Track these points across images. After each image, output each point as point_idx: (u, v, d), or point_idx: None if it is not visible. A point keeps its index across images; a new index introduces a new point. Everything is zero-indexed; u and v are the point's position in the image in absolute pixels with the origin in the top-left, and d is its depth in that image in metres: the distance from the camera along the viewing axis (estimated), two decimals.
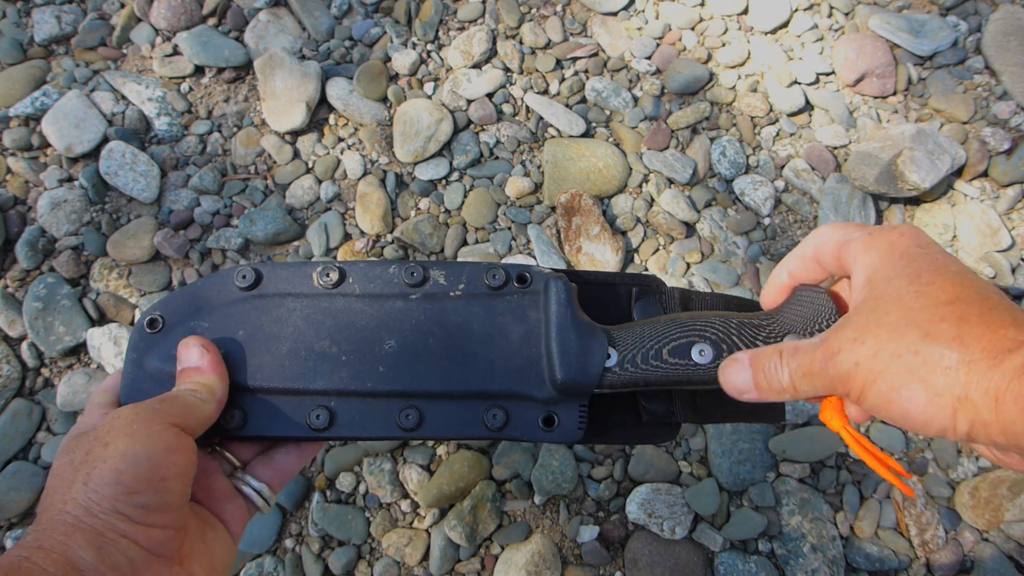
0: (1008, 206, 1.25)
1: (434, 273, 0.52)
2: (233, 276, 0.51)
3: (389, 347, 0.50)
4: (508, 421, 0.50)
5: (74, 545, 0.39)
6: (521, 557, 1.05)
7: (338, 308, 0.51)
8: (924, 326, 0.37)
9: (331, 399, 0.50)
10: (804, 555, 1.05)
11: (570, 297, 0.50)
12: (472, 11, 1.40)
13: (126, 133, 1.30)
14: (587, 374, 0.48)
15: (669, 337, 0.48)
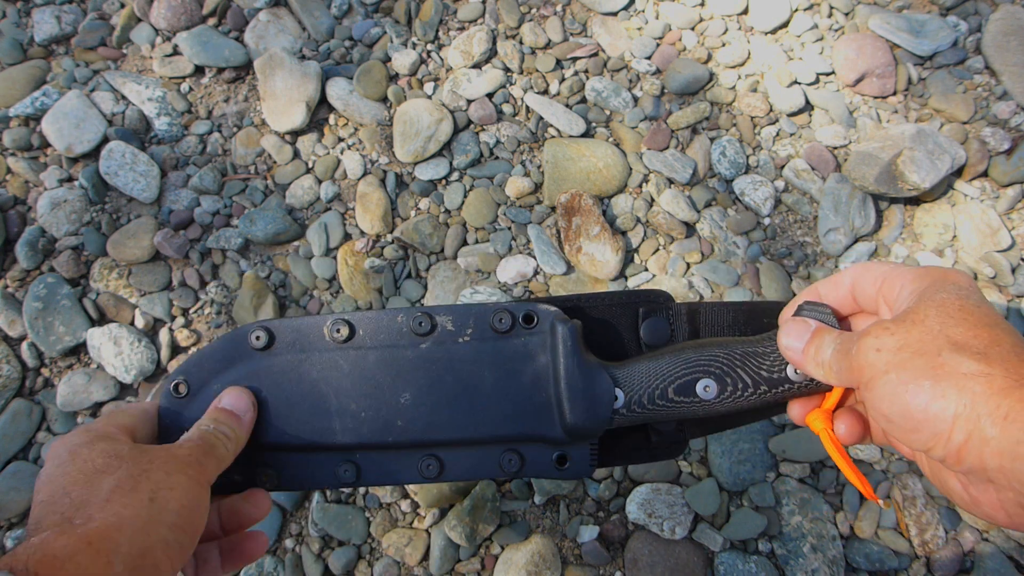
0: (1008, 206, 1.25)
1: (441, 320, 0.53)
2: (247, 337, 0.53)
3: (405, 400, 0.52)
4: (523, 464, 0.53)
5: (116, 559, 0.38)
6: (521, 557, 1.05)
7: (352, 363, 0.53)
8: (956, 338, 0.37)
9: (355, 453, 0.53)
10: (804, 555, 1.05)
11: (576, 341, 0.51)
12: (472, 11, 1.40)
13: (126, 133, 1.30)
14: (596, 419, 0.50)
15: (674, 375, 0.50)
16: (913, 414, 0.37)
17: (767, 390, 0.49)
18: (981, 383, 0.35)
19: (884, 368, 0.39)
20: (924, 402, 0.37)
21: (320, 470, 0.53)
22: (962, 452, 0.36)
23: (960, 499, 0.41)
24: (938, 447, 0.37)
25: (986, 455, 0.35)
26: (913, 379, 0.37)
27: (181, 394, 0.53)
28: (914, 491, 1.09)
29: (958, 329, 0.38)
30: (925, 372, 0.37)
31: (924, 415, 0.37)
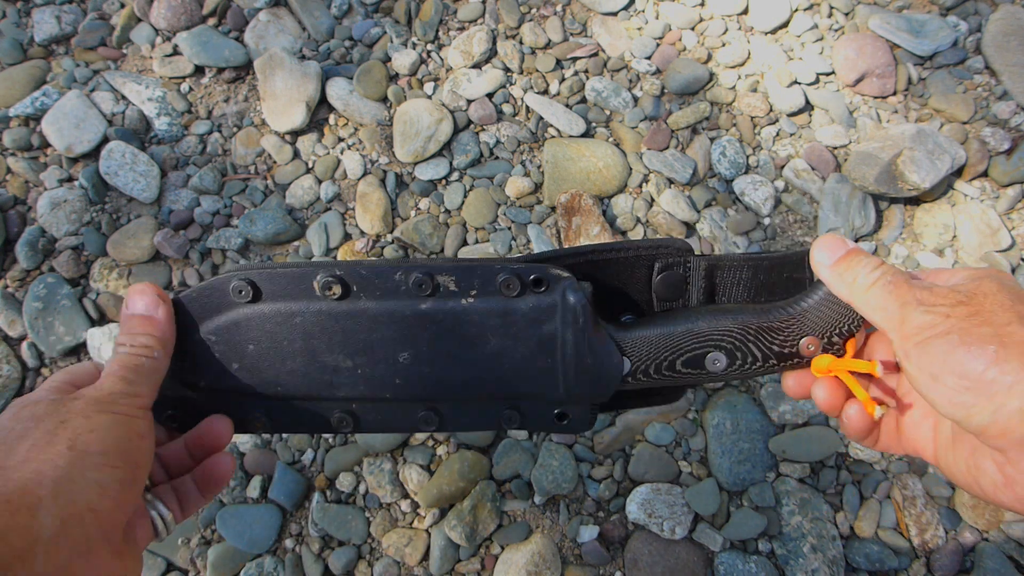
0: (1008, 206, 1.25)
1: (442, 279, 0.50)
2: (229, 289, 0.50)
3: (404, 359, 0.50)
4: (523, 420, 0.52)
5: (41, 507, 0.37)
6: (521, 557, 1.05)
7: (347, 320, 0.50)
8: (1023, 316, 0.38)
9: (352, 403, 0.52)
10: (804, 555, 1.05)
11: (587, 316, 0.49)
12: (472, 11, 1.40)
13: (126, 133, 1.30)
14: (601, 389, 0.50)
15: (684, 348, 0.49)
16: (969, 375, 0.37)
17: (776, 364, 0.48)
18: None
19: (946, 329, 0.39)
20: (983, 365, 0.37)
21: (315, 418, 0.52)
22: (1013, 421, 0.36)
23: (990, 481, 0.41)
24: (985, 413, 0.37)
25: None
26: (976, 342, 0.37)
27: None
28: (914, 491, 1.09)
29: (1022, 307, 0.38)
30: (991, 338, 0.37)
31: (981, 378, 0.37)
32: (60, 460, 0.39)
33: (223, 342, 0.51)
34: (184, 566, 1.09)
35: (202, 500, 0.53)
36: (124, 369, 0.46)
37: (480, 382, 0.51)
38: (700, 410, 1.14)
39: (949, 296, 0.40)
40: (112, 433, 0.42)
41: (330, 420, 0.52)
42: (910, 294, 0.41)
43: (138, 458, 0.43)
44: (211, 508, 1.11)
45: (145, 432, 0.44)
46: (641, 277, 0.54)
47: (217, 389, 0.51)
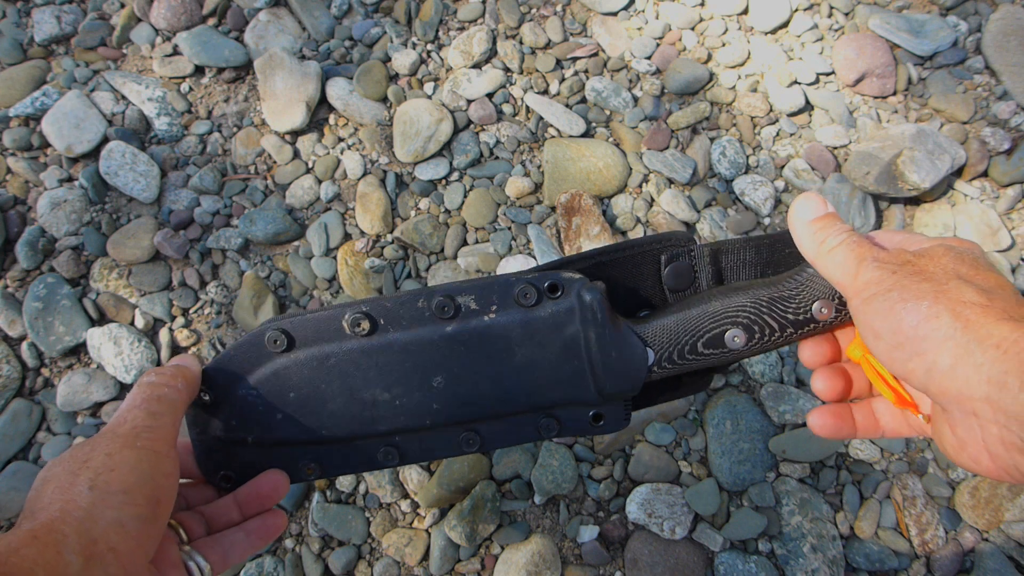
0: (1008, 206, 1.25)
1: (463, 300, 0.52)
2: (264, 341, 0.52)
3: (438, 384, 0.52)
4: (560, 427, 0.54)
5: (66, 547, 0.38)
6: (521, 557, 1.05)
7: (378, 355, 0.52)
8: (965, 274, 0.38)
9: (395, 436, 0.53)
10: (804, 555, 1.05)
11: (604, 310, 0.51)
12: (472, 11, 1.40)
13: (126, 133, 1.30)
14: (631, 382, 0.51)
15: (702, 329, 0.50)
16: (903, 330, 0.37)
17: (793, 332, 0.49)
18: (977, 311, 0.35)
19: (889, 286, 0.39)
20: (916, 320, 0.37)
21: (361, 456, 0.53)
22: (946, 378, 0.36)
23: (950, 445, 0.41)
24: (921, 370, 0.37)
25: (973, 383, 0.35)
26: (913, 298, 0.38)
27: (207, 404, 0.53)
28: (914, 491, 1.09)
29: (968, 270, 0.39)
30: (926, 294, 0.37)
31: (913, 333, 0.37)
32: (82, 500, 0.40)
33: (265, 394, 0.52)
34: None
35: (250, 551, 0.54)
36: (147, 401, 0.46)
37: (513, 395, 0.52)
38: (700, 410, 1.14)
39: (900, 256, 0.41)
40: (134, 470, 0.42)
41: (376, 456, 0.53)
42: (867, 252, 0.42)
43: (160, 495, 0.43)
44: None
45: (169, 469, 0.44)
46: (650, 272, 0.55)
47: (265, 442, 0.53)
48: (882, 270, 0.40)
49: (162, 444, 0.44)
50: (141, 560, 0.41)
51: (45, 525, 0.39)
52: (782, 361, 1.17)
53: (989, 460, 0.37)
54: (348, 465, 0.54)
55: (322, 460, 0.53)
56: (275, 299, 1.22)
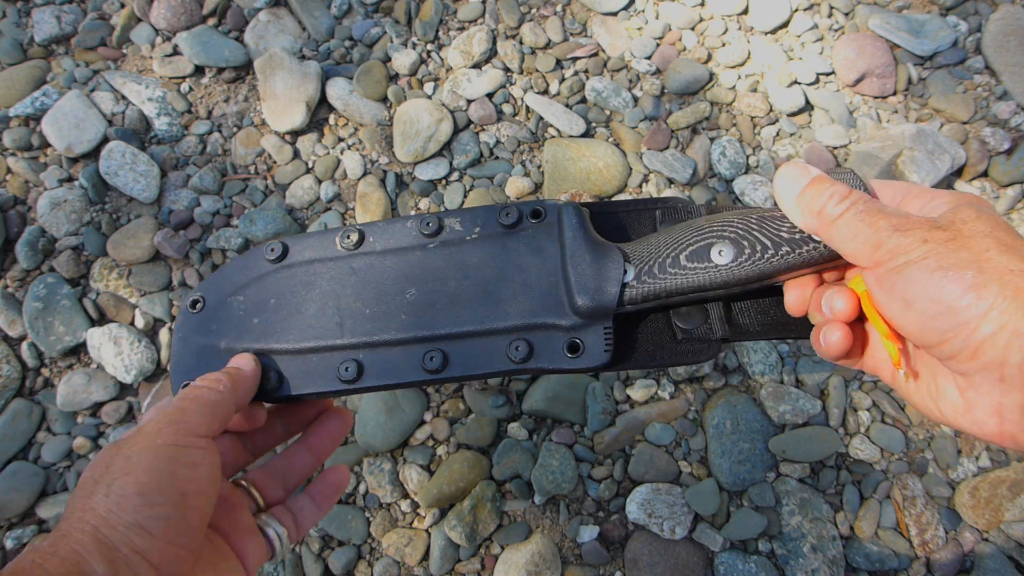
0: (1008, 206, 1.25)
1: (449, 221, 0.53)
2: (263, 251, 0.54)
3: (411, 296, 0.52)
4: (532, 352, 0.50)
5: (88, 556, 0.38)
6: (521, 557, 1.05)
7: (360, 266, 0.53)
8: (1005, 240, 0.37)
9: (359, 352, 0.52)
10: (804, 555, 1.05)
11: (582, 220, 0.50)
12: (472, 11, 1.40)
13: (126, 133, 1.30)
14: (605, 294, 0.48)
15: (686, 242, 0.47)
16: (944, 300, 0.36)
17: (789, 251, 0.45)
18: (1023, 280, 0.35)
19: (923, 254, 0.37)
20: (960, 290, 0.36)
21: (323, 371, 0.52)
22: (984, 345, 0.35)
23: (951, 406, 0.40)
24: (958, 338, 0.36)
25: (1013, 349, 0.34)
26: (955, 267, 0.36)
27: (197, 308, 0.54)
28: (914, 491, 1.09)
29: (1006, 235, 0.37)
30: (969, 263, 0.36)
31: (956, 303, 0.36)
32: (99, 507, 0.40)
33: (247, 300, 0.54)
34: None
35: (319, 513, 0.55)
36: (181, 400, 0.46)
37: (485, 310, 0.50)
38: (700, 410, 1.14)
39: (925, 223, 0.39)
40: (149, 470, 0.41)
41: (337, 371, 0.52)
42: (884, 220, 0.40)
43: (186, 487, 0.42)
44: None
45: (196, 460, 0.43)
46: (646, 228, 0.55)
47: (235, 349, 0.53)
48: (911, 236, 0.38)
49: (184, 436, 0.44)
50: (172, 557, 0.41)
51: (65, 537, 0.39)
52: (782, 361, 1.17)
53: (997, 424, 0.37)
54: (308, 379, 0.52)
55: (285, 369, 0.52)
56: None
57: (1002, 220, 0.39)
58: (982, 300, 0.35)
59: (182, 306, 0.55)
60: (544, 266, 0.51)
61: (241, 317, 0.53)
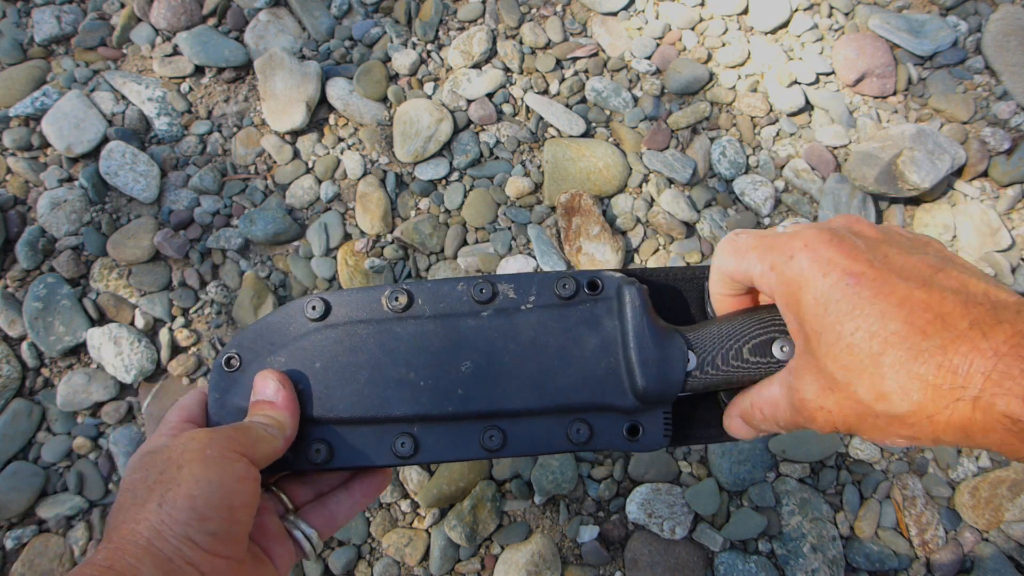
0: (1008, 206, 1.25)
1: (503, 287, 0.51)
2: (303, 307, 0.51)
3: (466, 368, 0.50)
4: (592, 435, 0.49)
5: (143, 569, 0.38)
6: (521, 557, 1.05)
7: (410, 332, 0.50)
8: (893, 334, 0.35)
9: (413, 425, 0.50)
10: (804, 555, 1.05)
11: (644, 302, 0.49)
12: (472, 11, 1.40)
13: (126, 133, 1.30)
14: (669, 382, 0.47)
15: (749, 335, 0.47)
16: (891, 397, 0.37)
17: None
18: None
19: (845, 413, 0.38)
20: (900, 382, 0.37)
21: (376, 443, 0.50)
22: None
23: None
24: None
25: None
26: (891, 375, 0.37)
27: (233, 368, 0.51)
28: (914, 491, 1.09)
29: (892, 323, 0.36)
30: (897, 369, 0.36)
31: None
32: (152, 518, 0.40)
33: (290, 362, 0.51)
34: None
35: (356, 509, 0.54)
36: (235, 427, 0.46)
37: (544, 389, 0.49)
38: None
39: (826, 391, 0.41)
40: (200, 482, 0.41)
41: (391, 445, 0.50)
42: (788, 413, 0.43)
43: (234, 501, 0.42)
44: None
45: (243, 474, 0.43)
46: (693, 298, 0.54)
47: None
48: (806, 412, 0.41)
49: (233, 449, 0.44)
50: (221, 568, 0.41)
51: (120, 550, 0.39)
52: None
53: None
54: (359, 453, 0.50)
55: (334, 441, 0.50)
56: (275, 299, 1.22)
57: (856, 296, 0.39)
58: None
59: (216, 363, 0.52)
60: (603, 345, 0.49)
61: None
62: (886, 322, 0.35)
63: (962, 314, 0.33)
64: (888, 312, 0.35)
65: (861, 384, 0.36)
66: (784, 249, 0.40)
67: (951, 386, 0.33)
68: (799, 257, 0.39)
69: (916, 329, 0.34)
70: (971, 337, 0.33)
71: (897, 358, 0.34)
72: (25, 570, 1.08)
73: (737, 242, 0.44)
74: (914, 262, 0.37)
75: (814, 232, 0.39)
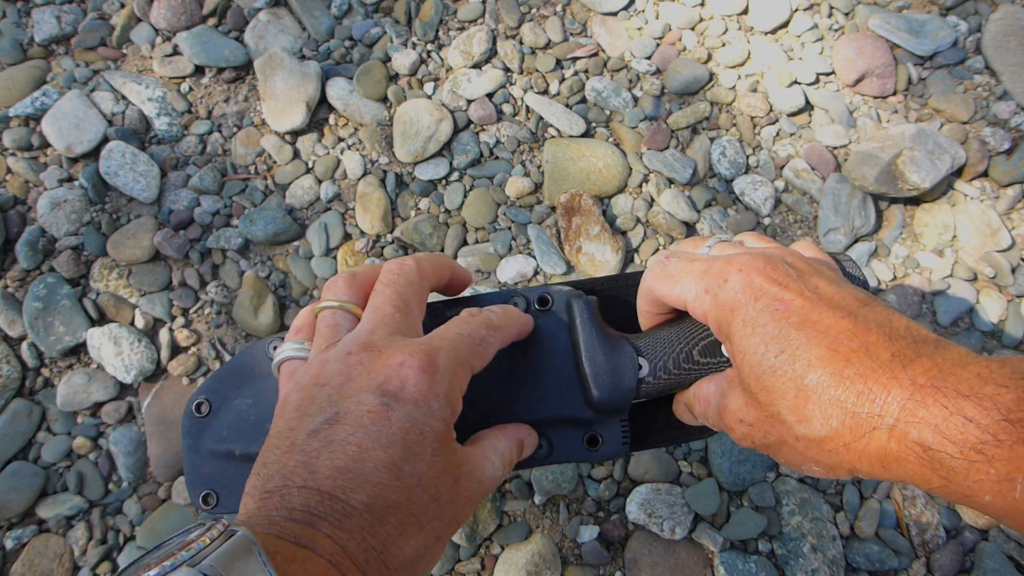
0: (1008, 206, 1.25)
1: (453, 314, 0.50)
2: (266, 347, 0.51)
3: None
4: (552, 449, 0.50)
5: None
6: (521, 557, 1.05)
7: None
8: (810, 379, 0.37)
9: None
10: (804, 555, 1.05)
11: (592, 314, 0.49)
12: (472, 11, 1.40)
13: (126, 133, 1.30)
14: (622, 390, 0.48)
15: (698, 337, 0.48)
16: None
17: None
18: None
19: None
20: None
21: None
22: None
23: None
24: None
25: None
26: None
27: (203, 413, 0.51)
28: (914, 491, 1.09)
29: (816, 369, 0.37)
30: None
31: None
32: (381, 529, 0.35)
33: (259, 403, 0.50)
34: None
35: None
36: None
37: (502, 410, 0.50)
38: None
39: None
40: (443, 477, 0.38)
41: None
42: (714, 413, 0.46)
43: (458, 516, 0.40)
44: None
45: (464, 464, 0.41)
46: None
47: (252, 456, 0.50)
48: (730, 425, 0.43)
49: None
50: (439, 550, 0.39)
51: (336, 559, 0.33)
52: None
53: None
54: None
55: None
56: (275, 299, 1.22)
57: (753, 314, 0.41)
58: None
59: (186, 410, 0.52)
60: (557, 359, 0.50)
61: (253, 422, 0.51)
62: (811, 347, 0.35)
63: (885, 345, 0.34)
64: (813, 338, 0.35)
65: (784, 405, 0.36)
66: (719, 274, 0.41)
67: (868, 414, 0.33)
68: (733, 281, 0.40)
69: (840, 356, 0.34)
70: (891, 368, 0.33)
71: (819, 382, 0.35)
72: (25, 570, 1.08)
73: (668, 267, 0.45)
74: (843, 294, 0.38)
75: (748, 258, 0.40)
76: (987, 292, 1.21)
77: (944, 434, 0.31)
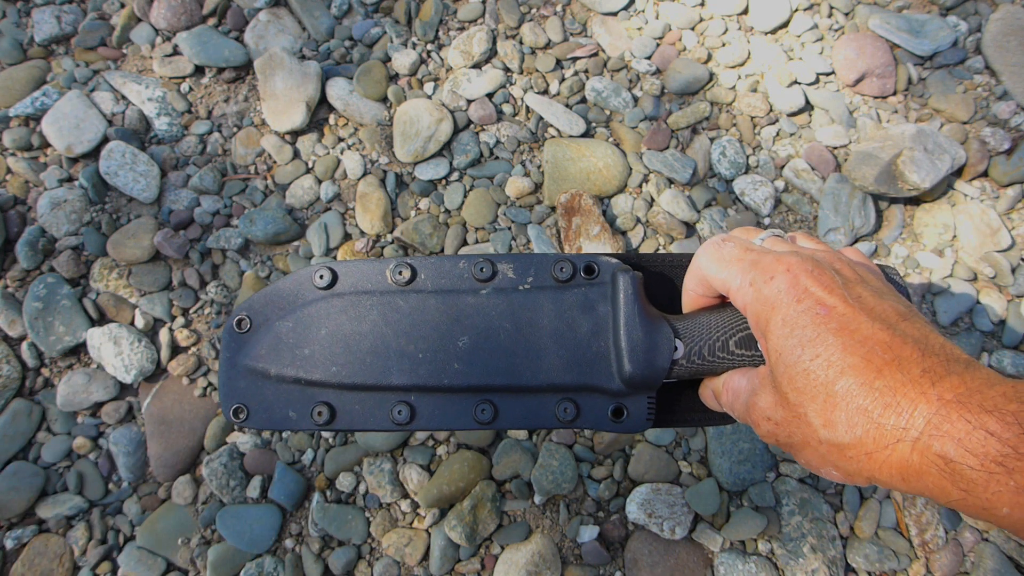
0: (1008, 206, 1.25)
1: (502, 267, 0.53)
2: (311, 275, 0.53)
3: (463, 343, 0.52)
4: (579, 414, 0.52)
5: None
6: (521, 557, 1.05)
7: (412, 305, 0.53)
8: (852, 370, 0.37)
9: (411, 395, 0.53)
10: (804, 555, 1.05)
11: (636, 290, 0.50)
12: (472, 11, 1.40)
13: (126, 133, 1.30)
14: (655, 368, 0.49)
15: (736, 328, 0.48)
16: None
17: None
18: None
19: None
20: None
21: (375, 409, 0.53)
22: None
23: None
24: None
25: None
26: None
27: (243, 329, 0.53)
28: None
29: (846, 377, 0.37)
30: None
31: None
32: None
33: (297, 327, 0.53)
34: (184, 566, 1.09)
35: None
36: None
37: (536, 368, 0.51)
38: None
39: None
40: None
41: (389, 412, 0.52)
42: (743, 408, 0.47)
43: None
44: (211, 508, 1.11)
45: None
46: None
47: (285, 377, 0.53)
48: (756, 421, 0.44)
49: None
50: None
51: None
52: None
53: None
54: (358, 416, 0.53)
55: (336, 404, 0.53)
56: None
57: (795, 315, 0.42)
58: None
59: (227, 324, 0.54)
60: (595, 328, 0.51)
61: (291, 344, 0.53)
62: (846, 355, 0.36)
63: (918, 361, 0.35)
64: (850, 346, 0.36)
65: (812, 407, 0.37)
66: (767, 269, 0.41)
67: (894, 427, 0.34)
68: (779, 279, 0.40)
69: (873, 367, 0.35)
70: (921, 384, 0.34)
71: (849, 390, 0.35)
72: (25, 570, 1.08)
73: (723, 250, 0.46)
74: (884, 306, 0.38)
75: (798, 259, 0.41)
76: (987, 292, 1.21)
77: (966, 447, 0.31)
